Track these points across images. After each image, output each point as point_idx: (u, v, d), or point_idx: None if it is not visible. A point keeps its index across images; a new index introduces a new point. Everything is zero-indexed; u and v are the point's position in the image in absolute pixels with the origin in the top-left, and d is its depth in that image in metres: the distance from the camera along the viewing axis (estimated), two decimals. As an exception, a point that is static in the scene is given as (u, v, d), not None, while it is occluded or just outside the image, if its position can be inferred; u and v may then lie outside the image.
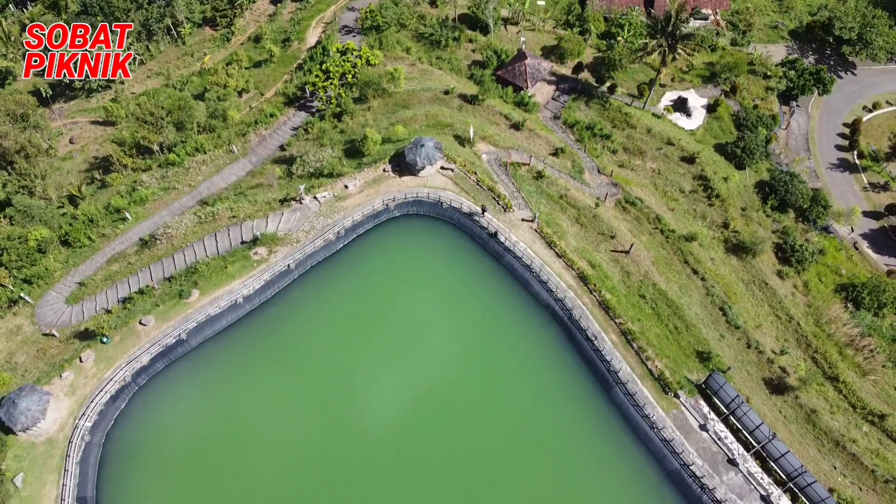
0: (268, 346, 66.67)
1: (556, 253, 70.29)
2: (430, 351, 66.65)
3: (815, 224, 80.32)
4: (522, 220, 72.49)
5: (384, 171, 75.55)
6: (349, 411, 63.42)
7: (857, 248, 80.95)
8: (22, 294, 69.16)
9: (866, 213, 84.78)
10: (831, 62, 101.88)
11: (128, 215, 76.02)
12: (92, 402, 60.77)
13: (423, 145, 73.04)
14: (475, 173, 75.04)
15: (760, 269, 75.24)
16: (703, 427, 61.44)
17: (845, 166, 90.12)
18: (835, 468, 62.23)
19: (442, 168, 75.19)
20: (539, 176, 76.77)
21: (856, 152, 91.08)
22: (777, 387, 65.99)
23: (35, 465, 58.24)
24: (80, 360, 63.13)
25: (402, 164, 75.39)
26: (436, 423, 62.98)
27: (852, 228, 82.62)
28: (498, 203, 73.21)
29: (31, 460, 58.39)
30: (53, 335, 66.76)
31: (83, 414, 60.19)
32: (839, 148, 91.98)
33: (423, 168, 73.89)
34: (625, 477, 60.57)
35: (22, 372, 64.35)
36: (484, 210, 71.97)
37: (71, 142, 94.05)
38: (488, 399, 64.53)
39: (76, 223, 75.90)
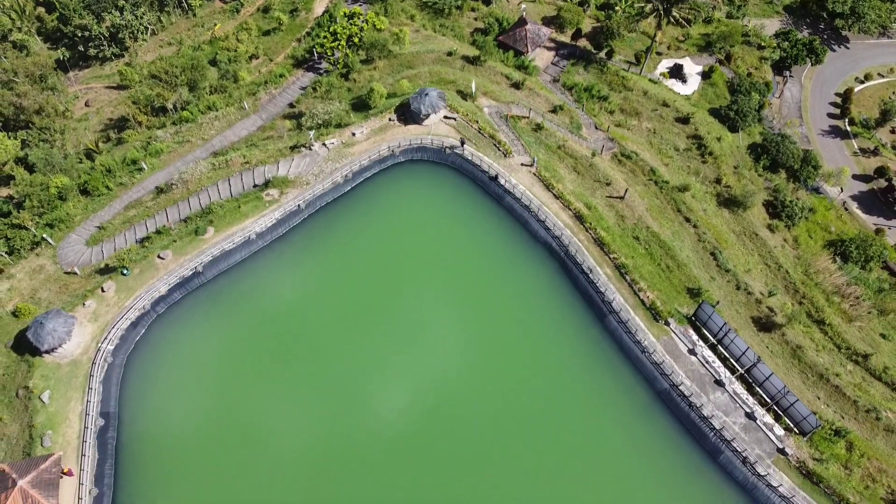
0: (279, 281, 70.02)
1: (554, 195, 73.48)
2: (434, 285, 70.02)
3: (806, 184, 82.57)
4: (522, 164, 75.70)
5: (390, 120, 78.90)
6: (357, 341, 66.69)
7: (846, 209, 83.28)
8: (45, 236, 72.36)
9: (856, 177, 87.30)
10: (825, 36, 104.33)
11: (144, 165, 79.23)
12: (114, 327, 64.20)
13: (427, 94, 76.39)
14: (477, 122, 78.28)
15: (751, 221, 77.93)
16: (691, 352, 64.50)
17: (836, 133, 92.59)
18: (818, 398, 65.07)
19: (445, 117, 78.53)
20: (538, 128, 79.90)
21: (847, 119, 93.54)
22: (765, 325, 68.88)
23: (60, 383, 61.62)
24: (102, 290, 66.49)
25: (408, 114, 78.76)
26: (439, 350, 66.12)
27: (841, 189, 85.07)
28: (498, 149, 76.40)
29: (57, 379, 61.74)
30: (75, 273, 69.96)
31: (105, 338, 63.61)
32: (831, 116, 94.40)
33: (427, 116, 77.17)
34: (617, 397, 63.86)
35: (45, 305, 67.49)
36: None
37: (86, 105, 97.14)
38: (488, 329, 67.77)
39: (94, 173, 79.07)
